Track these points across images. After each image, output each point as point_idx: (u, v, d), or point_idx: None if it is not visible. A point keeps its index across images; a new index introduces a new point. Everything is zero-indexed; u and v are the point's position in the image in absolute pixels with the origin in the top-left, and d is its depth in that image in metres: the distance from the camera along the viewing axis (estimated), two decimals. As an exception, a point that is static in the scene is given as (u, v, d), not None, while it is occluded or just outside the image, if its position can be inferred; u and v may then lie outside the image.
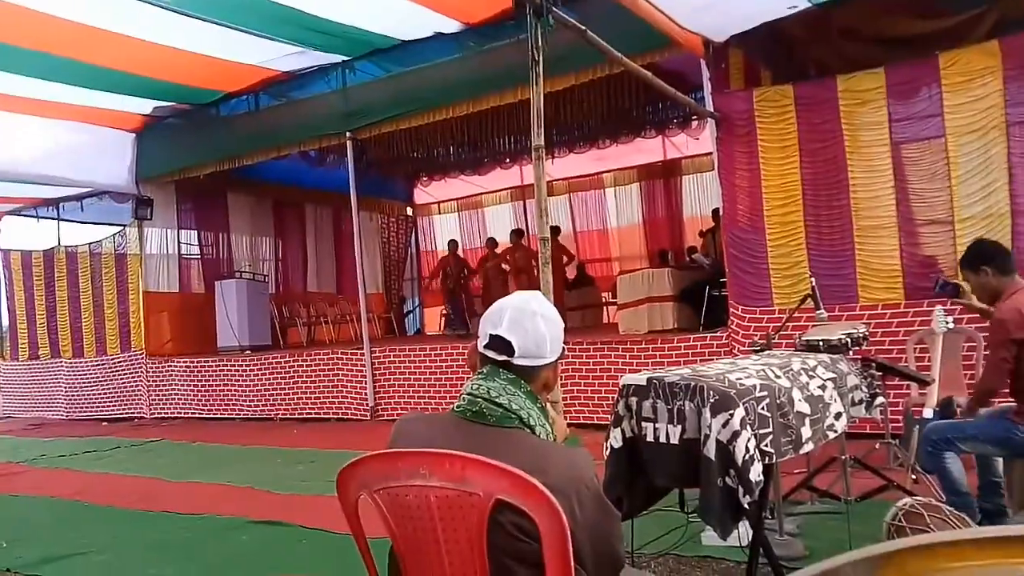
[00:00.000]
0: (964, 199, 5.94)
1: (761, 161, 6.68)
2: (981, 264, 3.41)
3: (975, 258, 3.46)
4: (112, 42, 7.46)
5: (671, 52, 6.76)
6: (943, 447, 3.37)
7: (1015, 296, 3.30)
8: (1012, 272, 3.39)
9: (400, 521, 1.46)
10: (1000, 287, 3.38)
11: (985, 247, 3.57)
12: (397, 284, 15.48)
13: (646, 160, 12.97)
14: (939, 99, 5.98)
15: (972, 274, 3.46)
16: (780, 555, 3.09)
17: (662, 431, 2.33)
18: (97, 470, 7.23)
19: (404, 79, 8.64)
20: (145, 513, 5.26)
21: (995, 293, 3.40)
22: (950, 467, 3.35)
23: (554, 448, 1.52)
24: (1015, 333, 3.22)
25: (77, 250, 12.37)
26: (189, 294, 12.07)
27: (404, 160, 12.95)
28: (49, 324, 12.68)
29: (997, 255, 3.44)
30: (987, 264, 3.39)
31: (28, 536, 4.85)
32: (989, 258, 3.42)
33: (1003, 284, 3.37)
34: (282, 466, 6.85)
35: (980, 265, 3.41)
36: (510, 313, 1.57)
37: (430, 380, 8.82)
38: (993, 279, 3.38)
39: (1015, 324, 3.22)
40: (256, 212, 13.26)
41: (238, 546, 4.38)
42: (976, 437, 3.37)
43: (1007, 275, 3.38)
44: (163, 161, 10.76)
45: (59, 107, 9.04)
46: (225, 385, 10.57)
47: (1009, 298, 3.32)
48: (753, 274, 6.76)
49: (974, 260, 3.46)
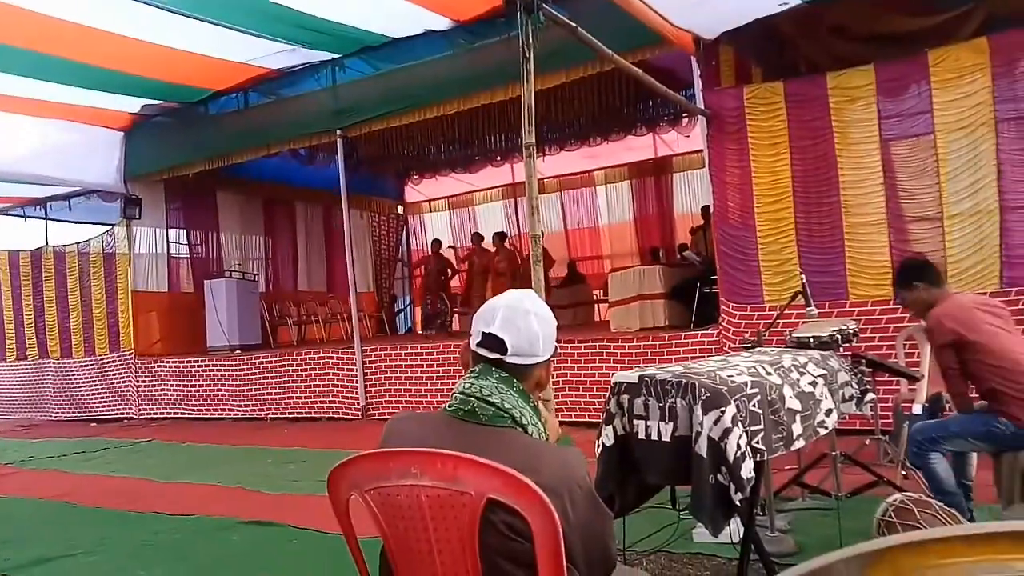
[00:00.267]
0: (953, 196, 5.97)
1: (752, 158, 6.69)
2: (914, 280, 3.55)
3: (907, 276, 3.60)
4: (100, 40, 7.40)
5: (662, 49, 6.77)
6: (928, 447, 3.41)
7: (943, 304, 3.44)
8: (942, 284, 3.56)
9: (391, 521, 1.45)
10: (932, 299, 3.51)
11: (914, 264, 3.77)
12: (388, 283, 15.45)
13: (637, 158, 13.00)
14: (928, 96, 6.01)
15: (907, 292, 3.60)
16: (771, 551, 3.10)
17: (654, 429, 2.33)
18: (86, 471, 7.19)
19: (394, 77, 8.61)
20: (134, 514, 5.23)
21: (929, 305, 3.52)
22: (935, 467, 3.38)
23: (547, 447, 1.51)
24: (939, 340, 3.38)
25: (65, 250, 12.28)
26: (178, 294, 12.00)
27: (395, 158, 12.93)
28: (37, 324, 12.60)
29: (926, 270, 3.61)
30: (919, 280, 3.53)
31: (17, 538, 4.81)
32: (920, 274, 3.57)
33: (934, 296, 3.50)
34: (272, 466, 6.82)
35: (912, 282, 3.55)
36: (503, 311, 1.56)
37: (421, 379, 8.80)
38: (924, 292, 3.52)
39: (938, 332, 3.38)
40: (246, 211, 13.20)
41: (228, 546, 4.36)
42: (960, 435, 3.41)
43: (937, 287, 3.53)
44: (152, 160, 10.70)
45: (46, 105, 8.96)
46: (215, 385, 10.52)
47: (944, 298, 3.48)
48: (744, 271, 6.78)
49: (907, 278, 3.59)
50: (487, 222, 14.63)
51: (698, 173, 11.94)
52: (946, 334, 3.35)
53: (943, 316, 3.38)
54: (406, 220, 16.08)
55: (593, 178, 13.81)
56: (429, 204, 15.83)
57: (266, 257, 13.64)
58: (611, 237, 13.87)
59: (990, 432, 3.32)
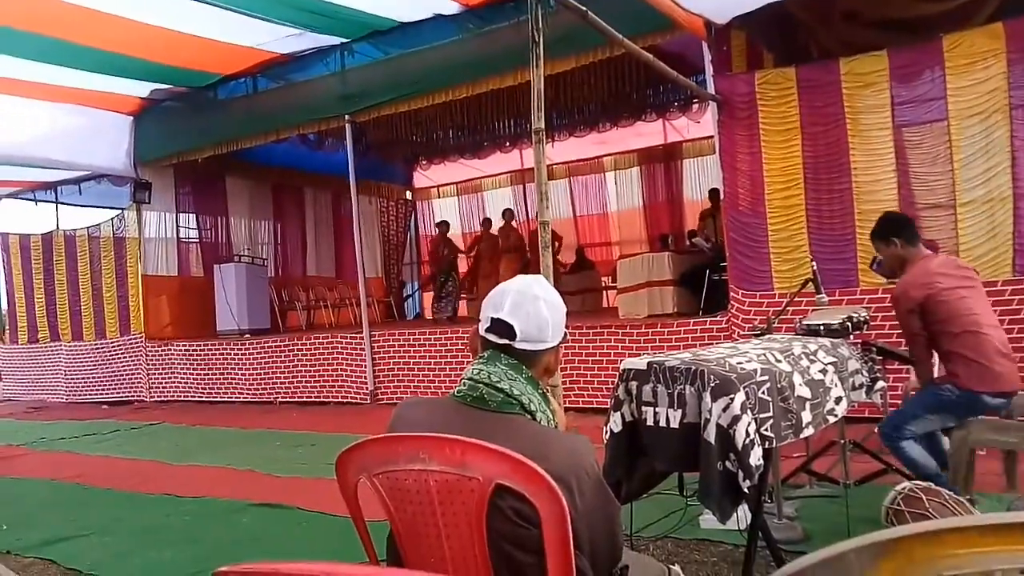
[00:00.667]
0: (966, 183, 5.91)
1: (763, 144, 6.64)
2: (892, 236, 3.61)
3: (886, 230, 3.66)
4: (110, 24, 7.39)
5: (673, 34, 6.72)
6: (895, 435, 3.47)
7: (913, 269, 3.53)
8: (917, 242, 3.61)
9: (399, 505, 1.45)
10: (907, 256, 3.59)
11: (894, 218, 3.80)
12: (396, 268, 15.46)
13: (646, 144, 12.92)
14: (942, 82, 5.94)
15: (883, 245, 3.66)
16: (779, 538, 3.10)
17: (662, 415, 2.32)
18: (97, 453, 7.25)
19: (403, 61, 8.58)
20: (145, 495, 5.28)
21: (902, 262, 3.61)
22: (909, 452, 3.44)
23: (555, 434, 1.50)
24: (904, 306, 3.47)
25: (76, 233, 12.34)
26: (188, 278, 12.05)
27: (403, 143, 12.91)
28: (48, 308, 12.68)
29: (905, 227, 3.66)
30: (897, 235, 3.59)
31: (29, 518, 4.86)
32: (899, 229, 3.63)
33: (909, 254, 3.58)
34: (282, 449, 6.86)
35: (891, 236, 3.61)
36: (512, 297, 1.56)
37: (430, 364, 8.82)
38: (901, 250, 3.59)
39: (904, 299, 3.47)
40: (255, 196, 13.22)
41: (239, 528, 4.39)
42: (917, 414, 3.50)
43: (913, 245, 3.59)
44: (161, 144, 10.71)
45: (57, 90, 8.96)
46: (225, 369, 10.58)
47: (910, 269, 3.55)
48: (754, 258, 6.74)
49: (885, 232, 3.65)
50: (495, 208, 14.60)
51: (708, 159, 11.87)
52: (910, 301, 3.45)
53: (909, 286, 3.49)
54: (414, 205, 16.07)
55: (602, 164, 13.75)
56: (438, 190, 15.80)
57: (275, 242, 13.67)
58: (620, 223, 13.82)
59: (939, 400, 3.42)
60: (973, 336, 3.35)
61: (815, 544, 3.32)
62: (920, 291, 3.43)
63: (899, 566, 0.74)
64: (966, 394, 3.34)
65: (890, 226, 3.67)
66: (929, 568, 0.74)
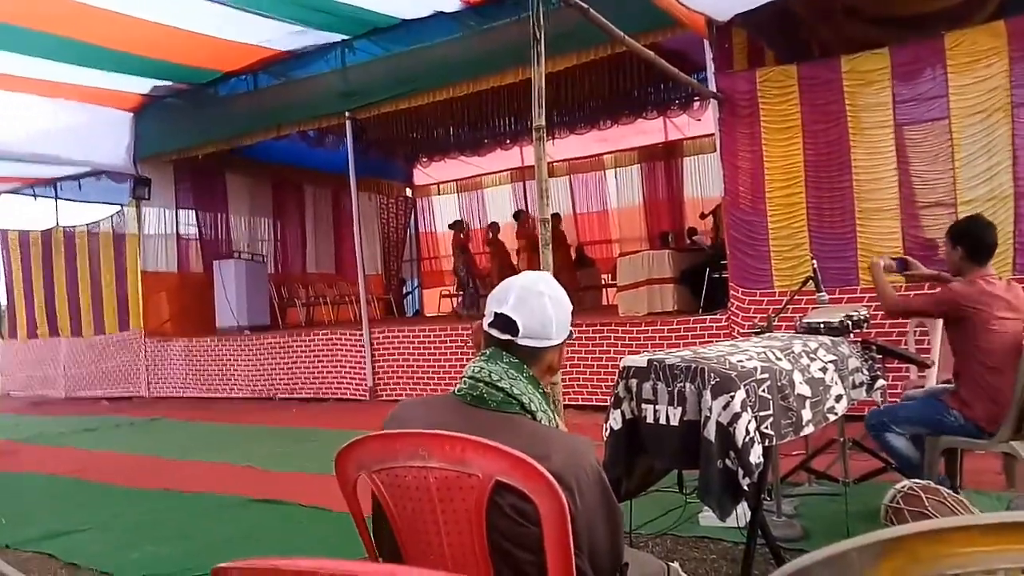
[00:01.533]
0: (967, 181, 5.91)
1: (763, 142, 6.63)
2: (957, 242, 3.38)
3: (957, 234, 3.43)
4: (111, 21, 7.37)
5: (674, 32, 6.70)
6: (880, 430, 3.45)
7: (967, 285, 3.30)
8: (982, 263, 3.33)
9: (399, 502, 1.45)
10: (962, 270, 3.37)
11: (970, 228, 3.46)
12: (396, 265, 15.46)
13: (647, 141, 12.92)
14: (944, 80, 5.93)
15: (950, 246, 3.44)
16: (778, 536, 3.10)
17: (662, 413, 2.32)
18: (96, 448, 7.25)
19: (404, 59, 8.56)
20: (145, 491, 5.27)
21: (957, 272, 3.43)
22: (895, 444, 3.43)
23: (556, 433, 1.50)
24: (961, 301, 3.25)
25: (75, 230, 12.34)
26: (187, 274, 12.04)
27: (403, 141, 12.90)
28: (47, 303, 12.67)
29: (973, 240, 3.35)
30: (961, 244, 3.36)
31: (28, 513, 4.86)
32: (964, 239, 3.36)
33: (966, 270, 3.35)
34: (281, 445, 6.86)
35: (956, 242, 3.39)
36: (516, 292, 1.55)
37: (429, 361, 8.82)
38: (959, 259, 3.37)
39: (964, 297, 3.25)
40: (255, 192, 13.22)
41: (238, 524, 4.39)
42: (909, 420, 3.45)
43: (974, 263, 3.32)
44: (161, 141, 10.70)
45: (57, 86, 8.96)
46: (224, 365, 10.57)
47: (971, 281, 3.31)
48: (754, 256, 6.74)
49: (955, 236, 3.42)
50: (496, 205, 14.60)
51: (709, 157, 11.86)
52: (947, 303, 3.32)
53: (958, 294, 3.29)
54: (414, 203, 16.06)
55: (603, 162, 13.75)
56: (438, 187, 15.80)
57: (275, 239, 13.67)
58: (620, 221, 13.82)
59: (940, 421, 3.34)
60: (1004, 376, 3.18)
61: (814, 542, 3.32)
62: (966, 300, 3.24)
63: (901, 565, 0.73)
64: (970, 425, 3.27)
65: (960, 233, 3.42)
66: (932, 567, 0.73)
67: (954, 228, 3.48)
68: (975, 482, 3.88)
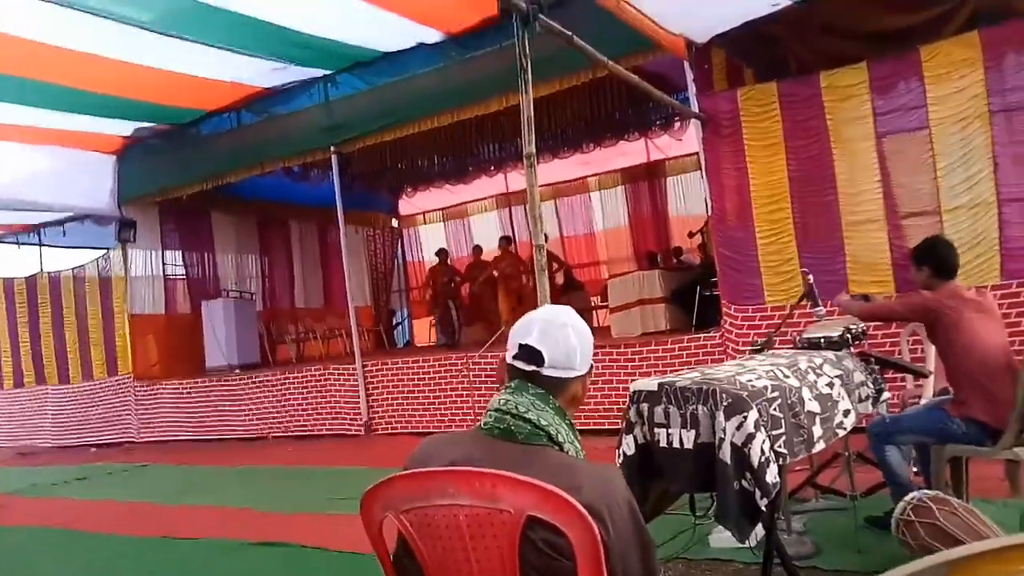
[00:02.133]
0: (950, 190, 5.99)
1: (748, 160, 6.71)
2: (920, 262, 3.55)
3: (918, 255, 3.59)
4: (89, 64, 7.38)
5: (654, 55, 6.79)
6: (884, 440, 3.48)
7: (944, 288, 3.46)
8: (947, 277, 3.47)
9: (428, 542, 1.43)
10: (931, 287, 3.50)
11: (929, 246, 3.63)
12: (385, 297, 15.41)
13: (630, 163, 12.98)
14: (921, 91, 6.03)
15: (916, 269, 3.59)
16: (791, 554, 3.08)
17: (675, 436, 2.32)
18: (90, 497, 7.14)
19: (387, 91, 8.61)
20: (142, 538, 5.18)
21: (926, 289, 3.55)
22: (889, 458, 3.46)
23: (585, 465, 1.49)
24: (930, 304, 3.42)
25: (60, 275, 12.23)
26: (175, 315, 11.94)
27: (388, 172, 12.90)
28: (34, 350, 12.51)
29: (936, 257, 3.52)
30: (924, 263, 3.52)
31: (24, 567, 4.77)
32: (927, 258, 3.53)
33: (934, 286, 3.48)
34: (278, 485, 6.78)
35: (919, 263, 3.55)
36: (540, 324, 1.56)
37: (424, 392, 8.76)
38: (926, 279, 3.52)
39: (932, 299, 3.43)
40: (240, 230, 13.17)
41: (239, 568, 4.32)
42: (912, 429, 3.50)
43: (940, 278, 3.47)
44: (145, 182, 10.66)
45: (37, 132, 8.93)
46: (215, 406, 10.45)
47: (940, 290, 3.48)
48: (744, 272, 6.78)
49: (917, 258, 3.58)
50: (482, 232, 14.60)
51: (691, 176, 11.97)
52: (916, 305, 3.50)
53: (927, 297, 3.47)
54: (401, 233, 16.05)
55: (587, 184, 13.80)
56: (423, 216, 15.80)
57: (262, 275, 13.59)
58: (607, 243, 13.85)
59: (943, 429, 3.37)
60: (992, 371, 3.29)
61: (827, 558, 3.31)
62: (935, 302, 3.40)
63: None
64: (974, 431, 3.29)
65: (921, 252, 3.58)
66: (996, 586, 0.74)
67: (917, 250, 3.63)
68: (979, 490, 3.88)
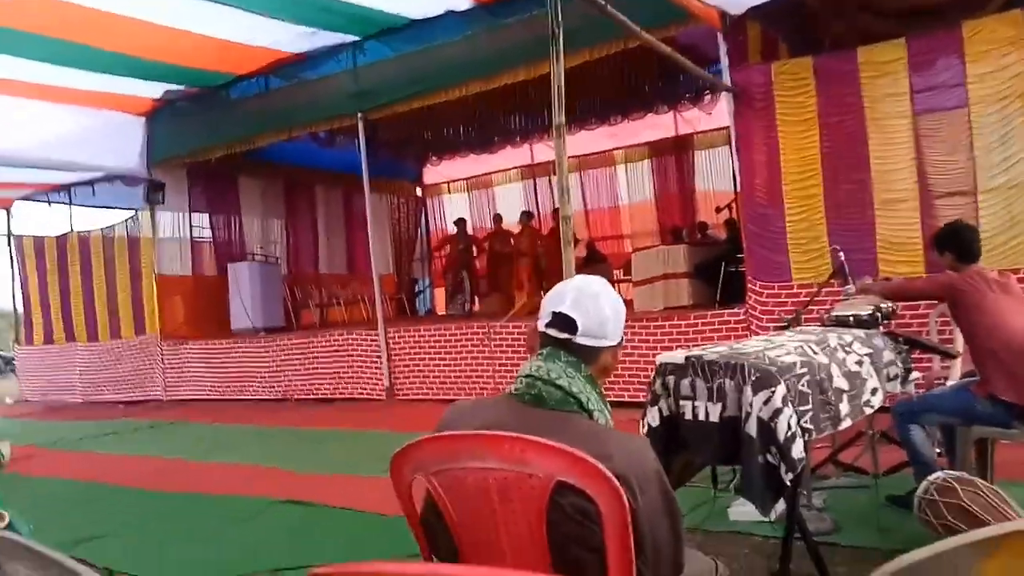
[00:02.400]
0: (986, 170, 5.88)
1: (779, 135, 6.61)
2: (942, 248, 3.59)
3: (940, 240, 3.64)
4: (122, 26, 7.41)
5: (687, 25, 6.68)
6: (908, 419, 3.49)
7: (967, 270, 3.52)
8: (971, 261, 3.52)
9: (457, 504, 1.45)
10: (956, 270, 3.55)
11: (951, 231, 3.67)
12: (407, 264, 15.47)
13: (657, 136, 12.85)
14: (961, 69, 5.90)
15: (938, 255, 3.65)
16: (812, 530, 3.09)
17: (701, 409, 2.32)
18: (118, 452, 7.30)
19: (415, 58, 8.56)
20: (170, 494, 5.30)
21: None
22: (913, 438, 3.47)
23: (616, 434, 1.50)
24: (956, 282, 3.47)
25: (90, 235, 12.40)
26: (202, 277, 12.09)
27: (414, 140, 12.91)
28: (63, 309, 12.75)
29: (957, 241, 3.56)
30: (947, 248, 3.56)
31: (54, 518, 4.88)
32: (949, 243, 3.57)
33: (960, 269, 3.52)
34: (302, 446, 6.89)
35: (942, 249, 3.60)
36: (573, 293, 1.57)
37: (445, 360, 8.82)
38: (949, 264, 3.57)
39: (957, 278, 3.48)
40: (267, 194, 13.26)
41: (267, 526, 4.40)
42: (938, 408, 3.51)
43: (963, 262, 3.52)
44: (174, 145, 10.75)
45: (69, 92, 9.00)
46: (240, 367, 10.61)
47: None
48: (771, 249, 6.72)
49: (939, 242, 3.64)
50: (506, 203, 14.57)
51: (720, 151, 11.83)
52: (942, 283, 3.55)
53: (952, 275, 3.52)
54: (425, 201, 16.07)
55: (613, 157, 13.69)
56: (448, 185, 15.79)
57: (287, 240, 13.69)
58: (631, 216, 13.77)
59: (968, 411, 3.38)
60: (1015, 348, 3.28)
61: (847, 535, 3.32)
62: (961, 281, 3.44)
63: (1006, 561, 0.73)
64: (1000, 412, 3.28)
65: (943, 238, 3.62)
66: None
67: (938, 236, 3.68)
68: (1005, 473, 3.84)
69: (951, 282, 3.49)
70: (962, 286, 3.42)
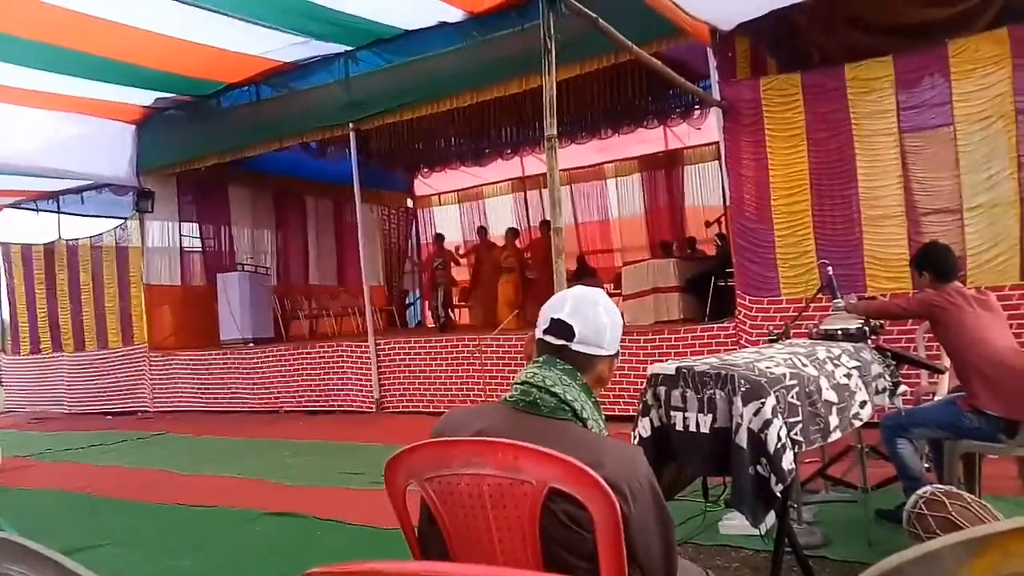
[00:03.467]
0: (972, 188, 5.96)
1: (768, 150, 6.68)
2: (921, 268, 3.67)
3: (918, 261, 3.73)
4: (113, 32, 7.41)
5: (677, 40, 6.75)
6: (896, 433, 3.52)
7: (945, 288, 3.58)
8: (949, 279, 3.58)
9: (451, 510, 1.45)
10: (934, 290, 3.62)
11: (928, 251, 3.75)
12: (398, 276, 15.46)
13: (648, 150, 12.92)
14: (947, 87, 5.99)
15: (917, 275, 3.76)
16: (802, 543, 3.10)
17: (692, 420, 2.33)
18: (105, 463, 7.23)
19: (407, 69, 8.59)
20: (157, 505, 5.26)
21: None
22: (901, 452, 3.51)
23: (609, 442, 1.50)
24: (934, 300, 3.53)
25: (78, 243, 12.34)
26: (191, 287, 12.04)
27: (405, 151, 12.90)
28: (50, 318, 12.65)
29: (935, 261, 3.64)
30: (925, 268, 3.64)
31: (43, 529, 4.83)
32: (925, 263, 3.65)
33: (938, 289, 3.58)
34: (290, 458, 6.85)
35: (920, 269, 3.68)
36: (572, 300, 1.59)
37: (435, 372, 8.81)
38: (927, 283, 3.64)
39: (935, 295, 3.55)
40: (257, 204, 13.24)
41: (253, 537, 4.38)
42: (926, 422, 3.55)
43: (941, 281, 3.58)
44: (164, 153, 10.72)
45: (59, 98, 8.98)
46: (229, 378, 10.55)
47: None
48: (761, 264, 6.77)
49: (917, 263, 3.73)
50: (496, 215, 14.60)
51: (709, 166, 11.91)
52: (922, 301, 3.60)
53: (930, 294, 3.59)
54: (415, 213, 16.08)
55: (604, 171, 13.75)
56: (439, 197, 15.80)
57: (277, 251, 13.66)
58: (622, 230, 13.81)
59: (955, 425, 3.42)
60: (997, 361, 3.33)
61: (837, 548, 3.33)
62: (937, 298, 3.50)
63: (994, 561, 0.75)
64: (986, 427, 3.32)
65: (921, 258, 3.70)
66: (1024, 563, 0.75)
67: (916, 257, 3.77)
68: (991, 487, 3.88)
69: (930, 301, 3.55)
70: (942, 304, 3.48)
